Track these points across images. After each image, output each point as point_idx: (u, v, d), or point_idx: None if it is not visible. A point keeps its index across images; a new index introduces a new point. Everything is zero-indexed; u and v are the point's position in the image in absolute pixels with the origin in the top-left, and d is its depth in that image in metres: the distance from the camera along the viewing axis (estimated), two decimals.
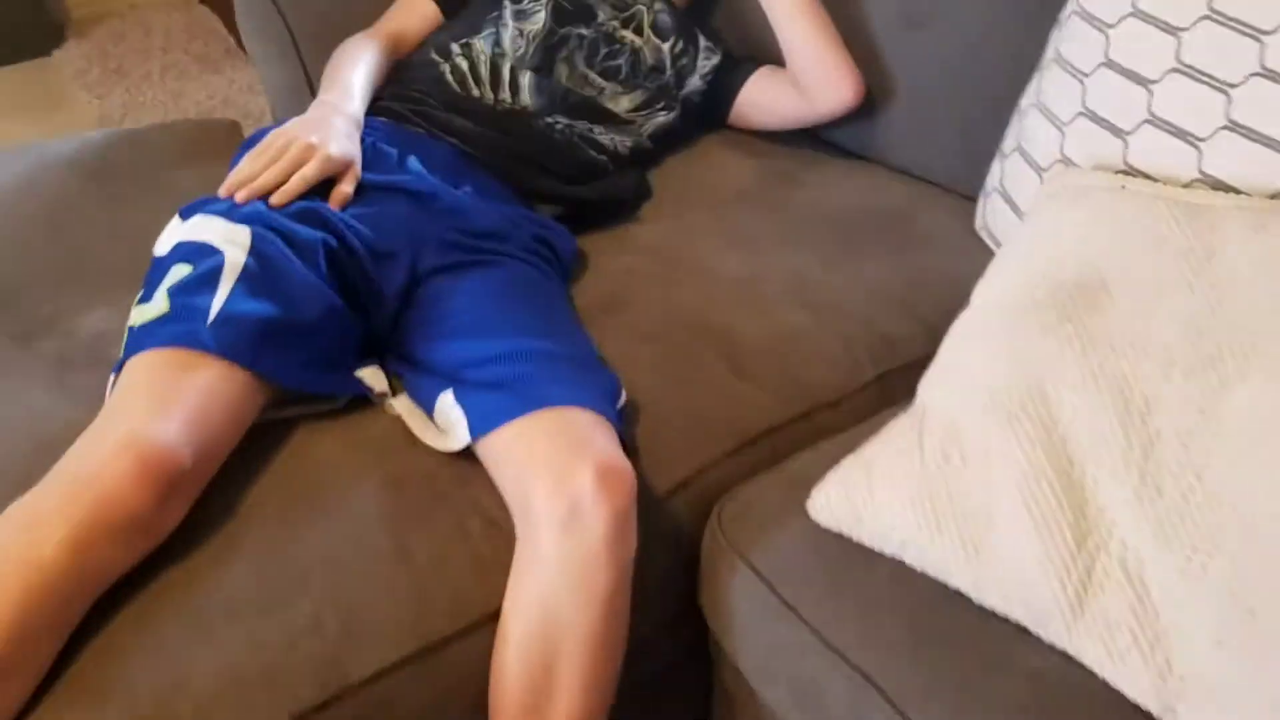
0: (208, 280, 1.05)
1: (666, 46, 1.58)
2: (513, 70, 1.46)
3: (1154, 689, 0.82)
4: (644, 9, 1.58)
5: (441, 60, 1.47)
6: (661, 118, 1.56)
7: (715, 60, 1.62)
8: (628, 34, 1.55)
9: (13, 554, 0.86)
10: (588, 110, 1.49)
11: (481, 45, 1.48)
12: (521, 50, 1.48)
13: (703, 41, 1.62)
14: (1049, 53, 1.31)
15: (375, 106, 1.42)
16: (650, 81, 1.55)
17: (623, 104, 1.52)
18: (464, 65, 1.46)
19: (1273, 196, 1.05)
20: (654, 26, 1.58)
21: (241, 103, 2.92)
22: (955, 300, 1.11)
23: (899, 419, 1.03)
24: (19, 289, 1.31)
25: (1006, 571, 0.89)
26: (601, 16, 1.55)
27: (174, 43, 3.26)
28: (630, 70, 1.54)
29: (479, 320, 1.14)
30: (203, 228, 1.11)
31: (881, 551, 0.96)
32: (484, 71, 1.46)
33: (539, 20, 1.51)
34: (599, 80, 1.51)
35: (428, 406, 1.09)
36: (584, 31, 1.52)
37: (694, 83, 1.60)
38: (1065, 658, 0.88)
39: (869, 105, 1.54)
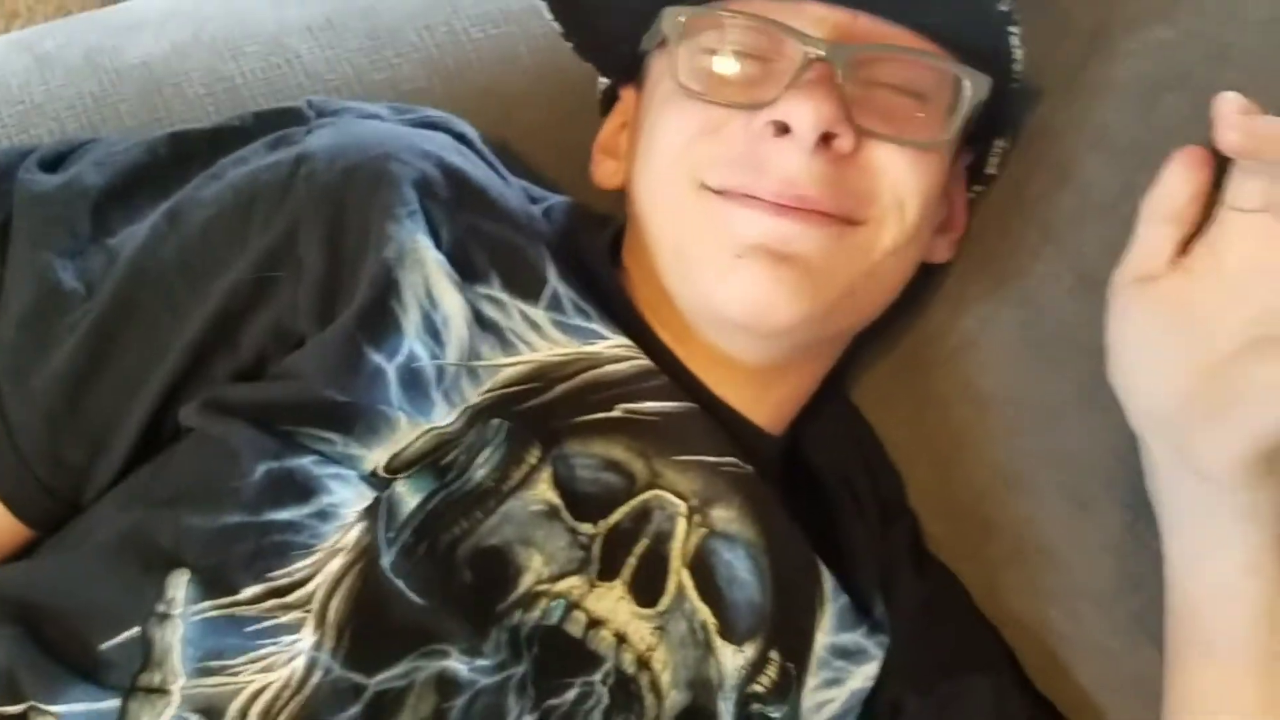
0: None
1: (734, 659, 0.58)
2: None
3: None
4: (677, 517, 0.58)
5: None
6: None
7: (871, 666, 0.61)
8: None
9: None
10: None
11: None
12: None
13: (839, 613, 0.61)
14: None
15: None
16: None
17: None
18: None
19: None
20: (708, 590, 0.59)
21: None
22: None
23: None
24: None
25: None
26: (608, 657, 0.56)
27: None
28: None
29: None
30: None
31: None
32: None
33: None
34: None
35: None
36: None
37: None
38: None
39: None
